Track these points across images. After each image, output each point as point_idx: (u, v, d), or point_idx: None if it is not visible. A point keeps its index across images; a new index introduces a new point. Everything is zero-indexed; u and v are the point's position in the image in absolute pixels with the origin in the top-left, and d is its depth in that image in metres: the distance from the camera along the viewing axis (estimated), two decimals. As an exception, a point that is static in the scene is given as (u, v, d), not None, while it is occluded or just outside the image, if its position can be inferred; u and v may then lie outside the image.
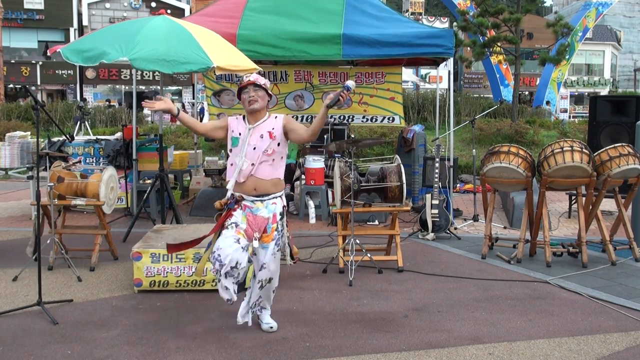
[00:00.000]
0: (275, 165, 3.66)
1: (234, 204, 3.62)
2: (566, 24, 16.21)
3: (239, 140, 3.63)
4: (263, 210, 3.63)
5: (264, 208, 3.63)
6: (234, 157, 3.63)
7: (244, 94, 3.63)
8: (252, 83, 3.60)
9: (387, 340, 3.67)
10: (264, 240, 3.63)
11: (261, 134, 3.61)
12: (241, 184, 3.60)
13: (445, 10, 40.98)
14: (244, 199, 3.61)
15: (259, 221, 3.61)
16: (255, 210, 3.61)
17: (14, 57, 30.14)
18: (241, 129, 3.66)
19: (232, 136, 3.67)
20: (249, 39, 6.92)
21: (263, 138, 3.60)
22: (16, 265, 5.17)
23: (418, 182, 8.28)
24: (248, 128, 3.64)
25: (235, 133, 3.66)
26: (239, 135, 3.64)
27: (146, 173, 7.94)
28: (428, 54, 7.30)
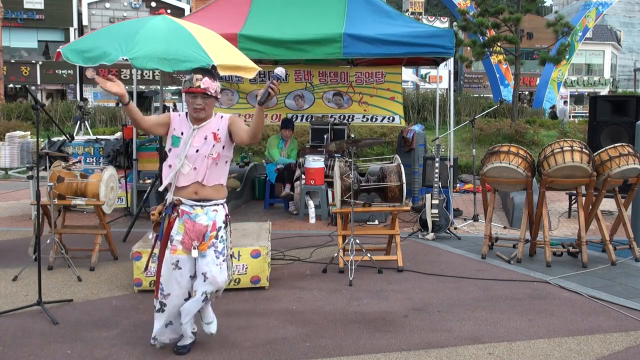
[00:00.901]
0: (219, 170, 3.39)
1: (171, 210, 3.31)
2: (566, 23, 16.21)
3: (181, 140, 3.33)
4: (202, 217, 3.32)
5: (204, 215, 3.33)
6: (174, 159, 3.32)
7: (189, 97, 3.28)
8: (203, 92, 3.24)
9: (387, 340, 3.67)
10: (201, 249, 3.31)
11: (205, 135, 3.32)
12: (180, 188, 3.31)
13: (445, 10, 40.99)
14: (182, 203, 3.32)
15: (197, 229, 3.30)
16: (195, 216, 3.31)
17: (14, 57, 30.12)
18: (184, 129, 3.35)
19: (173, 135, 3.34)
20: (251, 39, 6.93)
21: (207, 140, 3.32)
22: (16, 265, 5.17)
23: (418, 182, 8.28)
24: (192, 129, 3.33)
25: (177, 132, 3.35)
26: (180, 135, 3.33)
27: (146, 173, 7.94)
28: (428, 54, 7.30)
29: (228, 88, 9.11)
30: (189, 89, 3.25)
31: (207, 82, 3.25)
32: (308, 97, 9.17)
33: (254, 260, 4.61)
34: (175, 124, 3.38)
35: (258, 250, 4.63)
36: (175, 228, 3.28)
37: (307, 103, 9.23)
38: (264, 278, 4.66)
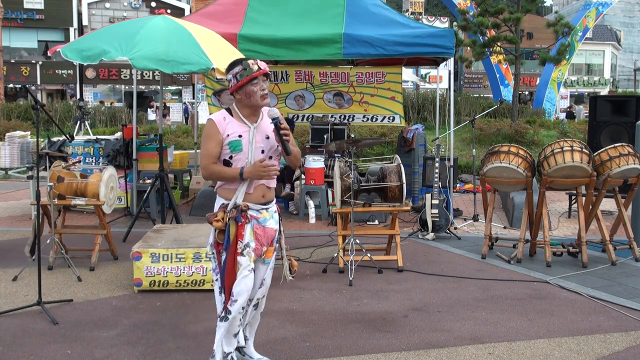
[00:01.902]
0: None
1: (240, 216, 2.98)
2: (566, 23, 16.21)
3: (242, 143, 2.97)
4: (270, 221, 3.09)
5: (271, 218, 3.10)
6: (238, 164, 2.97)
7: (252, 86, 2.94)
8: (265, 72, 2.97)
9: (387, 340, 3.67)
10: (267, 255, 3.12)
11: (266, 134, 3.04)
12: (249, 195, 3.01)
13: (445, 10, 40.98)
14: (250, 207, 3.01)
15: (268, 234, 3.08)
16: (263, 221, 3.05)
17: (14, 57, 30.14)
18: (240, 130, 2.98)
19: (231, 140, 2.96)
20: (251, 39, 6.93)
21: (269, 139, 3.04)
22: (16, 265, 5.17)
23: (418, 182, 8.28)
24: (252, 127, 3.01)
25: (233, 135, 2.96)
26: (239, 138, 2.96)
27: (146, 173, 7.93)
28: (428, 54, 7.30)
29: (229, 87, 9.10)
30: (253, 75, 2.92)
31: (264, 64, 3.00)
32: (308, 97, 9.17)
33: (254, 260, 4.61)
34: (225, 129, 2.97)
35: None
36: (248, 235, 2.97)
37: (307, 103, 9.23)
38: (264, 278, 4.66)
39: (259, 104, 3.00)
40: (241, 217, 2.97)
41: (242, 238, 2.94)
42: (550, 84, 27.68)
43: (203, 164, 2.98)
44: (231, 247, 2.94)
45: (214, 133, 2.97)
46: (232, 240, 2.94)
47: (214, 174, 2.98)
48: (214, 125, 2.98)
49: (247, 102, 2.99)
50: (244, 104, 3.02)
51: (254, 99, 2.97)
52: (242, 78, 2.94)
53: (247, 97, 2.97)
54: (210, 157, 2.96)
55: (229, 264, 2.94)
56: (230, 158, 2.98)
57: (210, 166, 2.97)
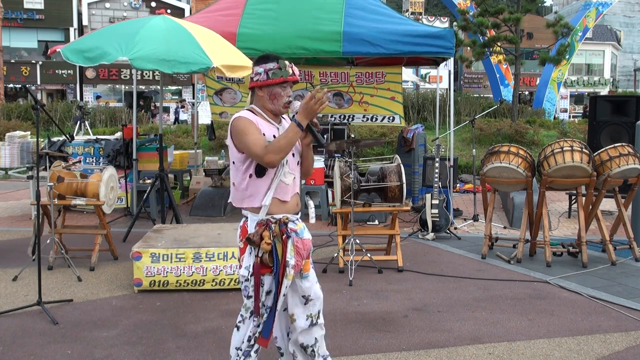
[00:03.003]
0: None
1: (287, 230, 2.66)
2: (566, 23, 16.21)
3: None
4: (306, 231, 2.75)
5: (304, 228, 2.76)
6: (274, 171, 2.66)
7: (280, 89, 2.68)
8: (295, 80, 2.73)
9: (387, 340, 3.67)
10: (305, 269, 2.77)
11: None
12: (283, 203, 2.70)
13: (445, 10, 40.99)
14: (289, 220, 2.69)
15: (307, 246, 2.75)
16: (300, 232, 2.71)
17: (14, 57, 30.12)
18: (271, 130, 2.70)
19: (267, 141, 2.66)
20: (249, 38, 6.92)
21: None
22: (16, 265, 5.17)
23: (418, 182, 8.28)
24: (280, 128, 2.74)
25: (268, 136, 2.66)
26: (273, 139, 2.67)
27: (146, 173, 7.94)
28: (428, 54, 7.30)
29: (230, 87, 9.11)
30: (285, 79, 2.67)
31: (297, 70, 2.75)
32: (308, 97, 9.16)
33: (254, 260, 4.61)
34: (260, 127, 2.68)
35: (258, 250, 4.62)
36: (290, 251, 2.63)
37: (307, 103, 9.23)
38: (264, 278, 4.66)
39: (279, 111, 2.72)
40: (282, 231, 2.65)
41: (287, 257, 2.63)
42: (550, 84, 27.69)
43: (259, 152, 2.56)
44: (280, 268, 2.60)
45: (252, 126, 2.63)
46: (281, 260, 2.60)
47: (278, 151, 2.56)
48: (249, 120, 2.65)
49: (269, 104, 2.70)
50: (263, 105, 2.72)
51: (278, 103, 2.69)
52: (275, 77, 2.65)
53: (270, 98, 2.68)
54: (261, 141, 2.59)
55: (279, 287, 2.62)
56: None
57: (269, 147, 2.56)
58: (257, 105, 2.73)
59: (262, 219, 2.64)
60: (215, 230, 5.22)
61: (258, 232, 2.61)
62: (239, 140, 2.64)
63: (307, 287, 2.77)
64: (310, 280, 2.78)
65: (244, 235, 2.67)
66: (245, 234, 2.67)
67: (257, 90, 2.70)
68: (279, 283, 2.60)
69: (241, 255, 2.71)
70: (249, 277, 2.64)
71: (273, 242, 2.60)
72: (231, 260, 4.59)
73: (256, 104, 2.74)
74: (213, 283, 4.59)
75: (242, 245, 2.69)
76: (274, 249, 2.60)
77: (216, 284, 4.60)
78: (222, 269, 4.58)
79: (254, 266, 2.61)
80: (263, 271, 2.62)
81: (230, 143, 2.70)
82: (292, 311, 2.78)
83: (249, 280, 2.64)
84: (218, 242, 4.77)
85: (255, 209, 2.67)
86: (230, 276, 4.60)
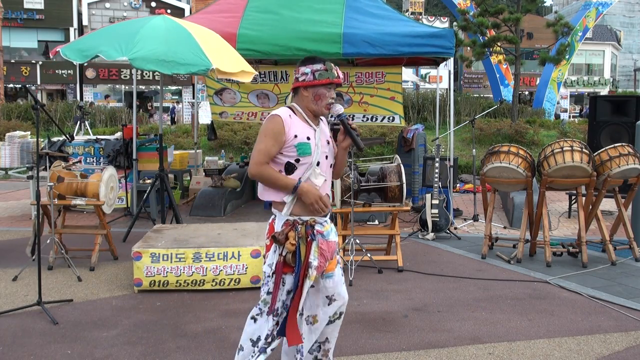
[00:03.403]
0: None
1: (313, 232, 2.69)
2: (566, 23, 16.22)
3: (311, 146, 2.68)
4: (332, 233, 2.80)
5: (331, 230, 2.81)
6: (303, 171, 2.67)
7: (325, 90, 2.70)
8: (339, 83, 2.76)
9: (387, 340, 3.67)
10: (328, 269, 2.78)
11: (327, 139, 2.81)
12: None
13: (445, 10, 40.99)
14: (316, 222, 2.72)
15: (332, 248, 2.78)
16: (327, 234, 2.75)
17: (14, 57, 30.12)
18: (307, 131, 2.69)
19: (300, 142, 2.65)
20: (249, 39, 6.92)
21: (329, 144, 2.82)
22: (16, 265, 5.17)
23: (418, 182, 8.28)
24: (316, 130, 2.73)
25: (302, 136, 2.65)
26: (308, 140, 2.67)
27: (146, 173, 7.94)
28: (428, 54, 7.30)
29: (229, 87, 9.11)
30: (331, 80, 2.69)
31: (340, 72, 2.79)
32: (308, 97, 9.17)
33: (254, 260, 4.62)
34: (294, 128, 2.66)
35: (258, 250, 4.63)
36: (313, 252, 2.67)
37: (307, 103, 9.23)
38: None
39: (322, 112, 2.73)
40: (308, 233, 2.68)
41: (310, 259, 2.66)
42: (550, 84, 27.70)
43: (256, 159, 2.63)
44: (302, 269, 2.64)
45: (278, 132, 2.62)
46: (303, 261, 2.64)
47: (264, 176, 2.64)
48: (280, 122, 2.63)
49: (312, 104, 2.71)
50: (306, 105, 2.72)
51: (321, 104, 2.70)
52: (322, 78, 2.67)
53: (315, 98, 2.69)
54: (267, 155, 2.63)
55: (300, 288, 2.65)
56: (297, 162, 2.66)
57: (263, 166, 2.63)
58: (300, 105, 2.74)
59: (289, 219, 2.68)
60: (215, 230, 5.22)
61: (284, 232, 2.64)
62: (260, 134, 2.68)
63: (331, 287, 2.78)
64: (334, 281, 2.79)
65: (271, 232, 2.72)
66: (272, 231, 2.71)
67: (302, 90, 2.72)
68: (298, 284, 2.64)
69: (266, 251, 2.75)
70: (270, 274, 2.69)
71: (297, 243, 2.64)
72: (231, 260, 4.59)
73: (298, 104, 2.75)
74: (213, 283, 4.59)
75: (268, 242, 2.74)
76: (298, 250, 2.64)
77: (216, 284, 4.60)
78: (222, 269, 4.58)
79: (277, 265, 2.65)
80: (285, 270, 2.65)
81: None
82: (315, 312, 2.80)
83: (271, 277, 2.69)
84: (218, 242, 4.77)
85: (279, 205, 2.70)
86: (230, 276, 4.60)
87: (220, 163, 9.18)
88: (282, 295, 2.68)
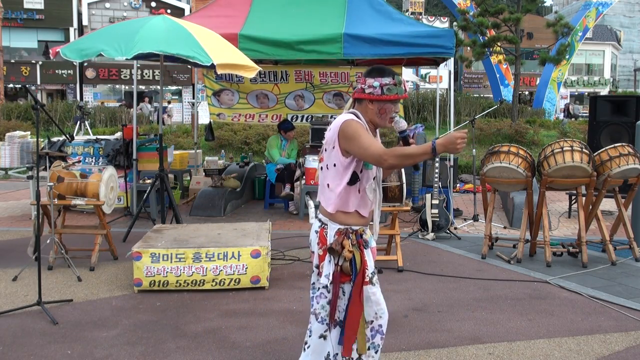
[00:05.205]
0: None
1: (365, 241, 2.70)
2: (566, 23, 16.23)
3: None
4: (372, 240, 2.81)
5: (371, 237, 2.80)
6: (365, 182, 2.66)
7: (392, 105, 2.66)
8: (406, 97, 2.69)
9: (387, 340, 3.66)
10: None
11: None
12: (362, 218, 2.70)
13: (445, 10, 40.99)
14: (364, 231, 2.72)
15: (375, 255, 2.82)
16: (370, 241, 2.76)
17: (14, 57, 30.13)
18: None
19: None
20: (251, 39, 6.93)
21: None
22: (16, 265, 5.17)
23: (418, 182, 8.28)
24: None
25: None
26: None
27: (146, 173, 7.94)
28: (428, 54, 7.30)
29: (228, 88, 9.11)
30: (400, 96, 2.65)
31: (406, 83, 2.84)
32: (308, 97, 9.17)
33: (254, 260, 4.62)
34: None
35: (258, 250, 4.63)
36: (369, 260, 2.69)
37: (307, 103, 9.24)
38: (264, 278, 4.66)
39: (384, 125, 2.68)
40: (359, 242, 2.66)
41: (367, 266, 2.64)
42: (550, 84, 27.71)
43: (379, 152, 2.47)
44: (358, 277, 2.60)
45: (364, 129, 2.59)
46: (359, 269, 2.61)
47: (402, 156, 2.47)
48: (360, 124, 2.60)
49: (376, 118, 2.65)
50: (370, 118, 2.66)
51: (384, 118, 2.65)
52: (390, 93, 2.61)
53: (380, 112, 2.64)
54: (380, 145, 2.54)
55: (355, 296, 2.60)
56: (361, 172, 2.64)
57: (393, 151, 2.49)
58: (364, 115, 2.67)
59: (341, 227, 2.63)
60: (215, 230, 5.22)
61: (338, 241, 2.60)
62: (350, 143, 2.54)
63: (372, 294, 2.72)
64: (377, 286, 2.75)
65: (323, 242, 2.66)
66: (324, 240, 2.66)
67: (367, 103, 2.64)
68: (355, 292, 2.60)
69: (320, 262, 2.68)
70: (328, 285, 2.63)
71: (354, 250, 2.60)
72: (231, 260, 4.59)
73: (362, 114, 2.67)
74: (213, 283, 4.59)
75: (321, 253, 2.68)
76: (354, 257, 2.60)
77: (216, 284, 4.60)
78: (222, 269, 4.58)
79: (334, 275, 2.61)
80: (343, 280, 2.62)
81: (336, 145, 2.61)
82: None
83: (327, 287, 2.64)
84: (218, 242, 4.77)
85: (343, 219, 2.64)
86: (230, 276, 4.60)
87: (220, 163, 9.17)
88: (342, 305, 2.65)
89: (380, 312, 2.68)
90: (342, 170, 2.61)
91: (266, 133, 13.57)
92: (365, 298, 2.63)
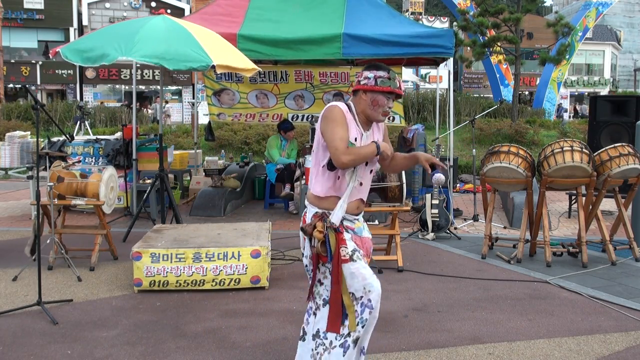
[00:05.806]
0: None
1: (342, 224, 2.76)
2: (566, 23, 16.24)
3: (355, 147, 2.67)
4: (365, 231, 2.89)
5: (363, 228, 2.89)
6: (343, 171, 2.70)
7: (384, 97, 2.70)
8: (400, 95, 2.76)
9: (387, 340, 3.67)
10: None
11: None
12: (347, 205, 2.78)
13: (445, 10, 41.00)
14: (345, 218, 2.77)
15: (367, 245, 2.87)
16: (359, 230, 2.84)
17: (14, 57, 30.14)
18: (355, 132, 2.71)
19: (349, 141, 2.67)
20: (250, 39, 6.93)
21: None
22: (16, 265, 5.17)
23: (418, 182, 8.28)
24: (364, 134, 2.76)
25: (351, 136, 2.68)
26: (354, 142, 2.68)
27: (146, 173, 7.94)
28: (428, 54, 7.31)
29: (228, 88, 9.11)
30: (392, 89, 2.69)
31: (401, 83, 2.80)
32: (308, 97, 9.17)
33: (254, 260, 4.61)
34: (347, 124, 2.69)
35: (258, 250, 4.63)
36: (348, 240, 2.72)
37: (307, 103, 9.23)
38: (264, 278, 4.66)
39: (376, 118, 2.74)
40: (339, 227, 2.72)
41: (345, 243, 2.69)
42: (550, 84, 27.71)
43: (342, 147, 2.57)
44: (334, 257, 2.66)
45: (342, 119, 2.66)
46: (334, 250, 2.66)
47: (356, 160, 2.61)
48: (342, 112, 2.67)
49: (368, 109, 2.71)
50: (362, 109, 2.73)
51: (377, 111, 2.71)
52: (383, 85, 2.67)
53: (372, 104, 2.70)
54: (346, 141, 2.62)
55: (334, 276, 2.68)
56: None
57: (349, 149, 2.60)
58: (356, 106, 2.76)
59: (318, 211, 2.73)
60: (215, 230, 5.22)
61: (312, 223, 2.70)
62: (326, 126, 2.65)
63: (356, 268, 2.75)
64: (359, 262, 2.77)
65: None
66: (305, 223, 2.78)
67: (361, 93, 2.73)
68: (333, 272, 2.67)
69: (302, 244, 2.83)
70: (307, 266, 2.79)
71: (326, 231, 2.66)
72: (231, 260, 4.59)
73: (355, 105, 2.76)
74: (213, 283, 4.59)
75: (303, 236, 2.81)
76: (327, 238, 2.66)
77: (216, 284, 4.60)
78: (222, 269, 4.58)
79: (312, 256, 2.73)
80: (323, 260, 2.70)
81: (318, 127, 2.73)
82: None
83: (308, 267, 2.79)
84: (218, 242, 4.77)
85: (319, 203, 2.75)
86: (230, 276, 4.60)
87: (220, 163, 9.18)
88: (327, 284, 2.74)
89: (368, 286, 2.71)
90: (322, 152, 2.71)
91: (266, 133, 13.58)
92: (349, 275, 2.68)
